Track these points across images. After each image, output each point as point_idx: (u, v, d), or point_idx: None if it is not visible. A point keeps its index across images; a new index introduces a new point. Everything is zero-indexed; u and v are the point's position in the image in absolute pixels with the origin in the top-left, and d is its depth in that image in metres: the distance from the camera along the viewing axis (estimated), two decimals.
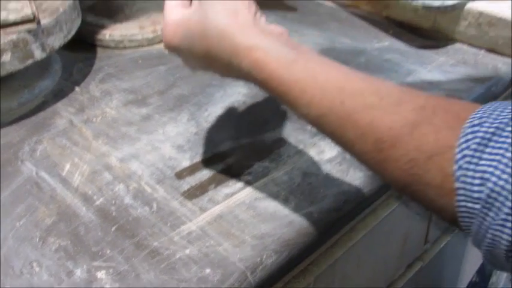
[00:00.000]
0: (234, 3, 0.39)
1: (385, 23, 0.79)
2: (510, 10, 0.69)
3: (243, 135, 0.57)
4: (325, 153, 0.54)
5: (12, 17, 0.54)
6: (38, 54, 0.57)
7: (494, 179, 0.29)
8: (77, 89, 0.65)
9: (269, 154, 0.54)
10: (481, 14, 0.70)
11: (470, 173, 0.30)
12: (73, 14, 0.62)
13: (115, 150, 0.55)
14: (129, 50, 0.74)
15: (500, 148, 0.29)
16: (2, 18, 0.54)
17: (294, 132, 0.57)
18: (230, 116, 0.60)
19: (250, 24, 0.38)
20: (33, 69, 0.62)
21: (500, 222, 0.29)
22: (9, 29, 0.54)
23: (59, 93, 0.65)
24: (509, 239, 0.29)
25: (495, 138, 0.30)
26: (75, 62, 0.71)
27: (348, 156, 0.53)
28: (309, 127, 0.58)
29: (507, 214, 0.29)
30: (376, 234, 0.59)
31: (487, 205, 0.30)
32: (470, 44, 0.73)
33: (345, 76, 0.36)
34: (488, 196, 0.29)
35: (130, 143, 0.56)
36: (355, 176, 0.52)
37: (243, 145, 0.56)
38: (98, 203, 0.49)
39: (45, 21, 0.57)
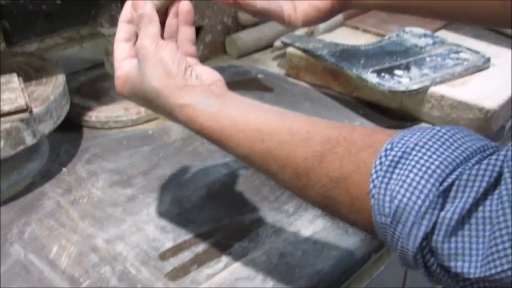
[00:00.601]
0: (165, 65, 0.45)
1: (355, 103, 0.85)
2: (469, 94, 0.75)
3: (223, 215, 0.60)
4: (301, 233, 0.58)
5: (7, 107, 0.57)
6: (29, 141, 0.60)
7: (399, 196, 0.34)
8: (64, 169, 0.68)
9: (248, 234, 0.58)
10: (443, 97, 0.76)
11: (382, 191, 0.35)
12: (62, 101, 0.66)
13: (101, 231, 0.58)
14: (114, 130, 0.77)
15: (405, 170, 0.34)
16: None
17: (271, 213, 0.61)
18: (211, 196, 0.64)
19: (180, 84, 0.44)
20: (22, 152, 0.65)
21: (406, 234, 0.34)
22: (3, 119, 0.57)
23: (47, 174, 0.67)
24: (413, 250, 0.34)
25: (402, 161, 0.35)
26: (62, 143, 0.74)
27: (322, 235, 0.57)
28: (285, 207, 0.61)
29: (410, 228, 0.34)
30: None
31: (395, 219, 0.35)
32: (435, 124, 0.78)
33: (262, 118, 0.43)
34: (396, 212, 0.34)
35: (116, 224, 0.59)
36: (329, 255, 0.55)
37: (224, 225, 0.59)
38: (84, 285, 0.51)
39: (36, 109, 0.61)
